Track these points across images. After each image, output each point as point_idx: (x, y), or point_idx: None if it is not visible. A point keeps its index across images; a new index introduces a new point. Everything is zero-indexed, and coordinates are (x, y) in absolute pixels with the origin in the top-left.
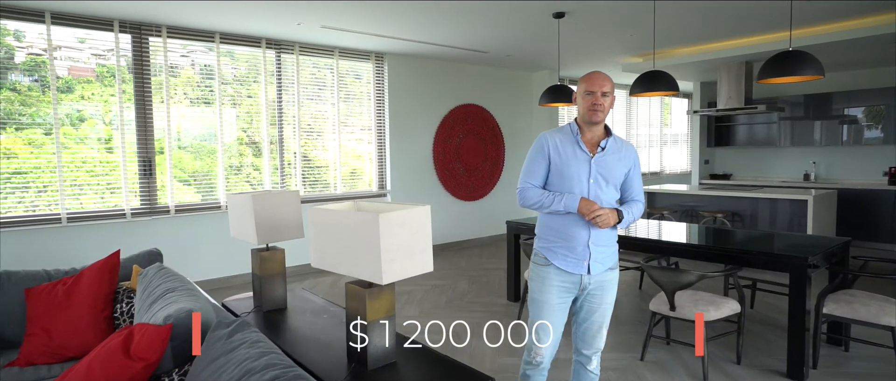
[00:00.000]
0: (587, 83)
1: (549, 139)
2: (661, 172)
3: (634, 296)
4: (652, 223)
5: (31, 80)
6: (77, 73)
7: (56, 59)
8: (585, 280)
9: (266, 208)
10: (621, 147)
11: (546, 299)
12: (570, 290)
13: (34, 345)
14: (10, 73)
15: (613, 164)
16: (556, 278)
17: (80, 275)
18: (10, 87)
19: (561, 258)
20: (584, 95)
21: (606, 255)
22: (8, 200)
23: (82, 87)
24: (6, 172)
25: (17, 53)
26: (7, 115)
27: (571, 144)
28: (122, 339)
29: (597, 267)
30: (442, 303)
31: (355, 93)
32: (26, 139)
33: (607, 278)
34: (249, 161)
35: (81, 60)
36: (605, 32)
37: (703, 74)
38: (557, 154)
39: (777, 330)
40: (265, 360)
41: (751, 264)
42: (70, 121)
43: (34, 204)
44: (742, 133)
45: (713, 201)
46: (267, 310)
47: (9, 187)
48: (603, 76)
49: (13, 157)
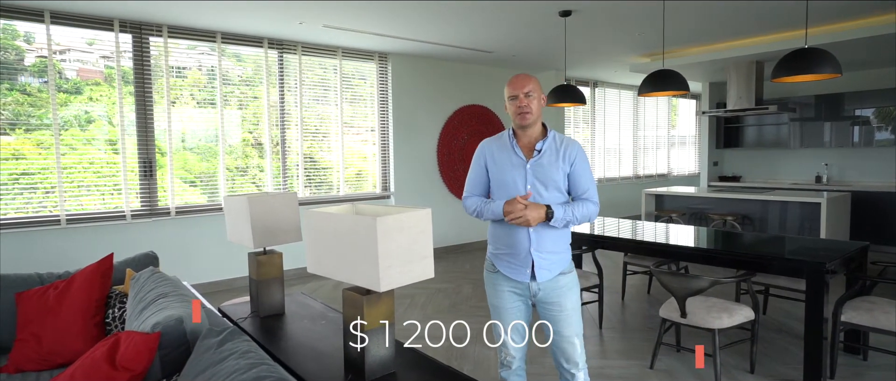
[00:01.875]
0: (509, 88)
1: (486, 148)
2: (668, 175)
3: (643, 301)
4: (659, 227)
5: (41, 81)
6: (86, 74)
7: (64, 62)
8: (534, 287)
9: (263, 211)
10: (560, 146)
11: (500, 303)
12: (522, 295)
13: (24, 352)
14: (20, 74)
15: (550, 165)
16: (504, 283)
17: (71, 279)
18: (20, 88)
19: (506, 265)
20: (509, 100)
21: (553, 261)
22: (16, 200)
23: (90, 88)
24: (14, 173)
25: (27, 56)
26: (16, 116)
27: (507, 150)
28: (108, 348)
29: (543, 274)
30: (445, 307)
31: (359, 94)
32: (35, 141)
33: (561, 283)
34: (255, 163)
35: (90, 62)
36: (612, 32)
37: (713, 75)
38: (494, 162)
39: (791, 338)
40: (255, 372)
41: (765, 270)
42: (78, 123)
43: (43, 204)
44: (752, 134)
45: (722, 204)
46: (263, 315)
47: (17, 189)
48: (524, 77)
49: (22, 158)
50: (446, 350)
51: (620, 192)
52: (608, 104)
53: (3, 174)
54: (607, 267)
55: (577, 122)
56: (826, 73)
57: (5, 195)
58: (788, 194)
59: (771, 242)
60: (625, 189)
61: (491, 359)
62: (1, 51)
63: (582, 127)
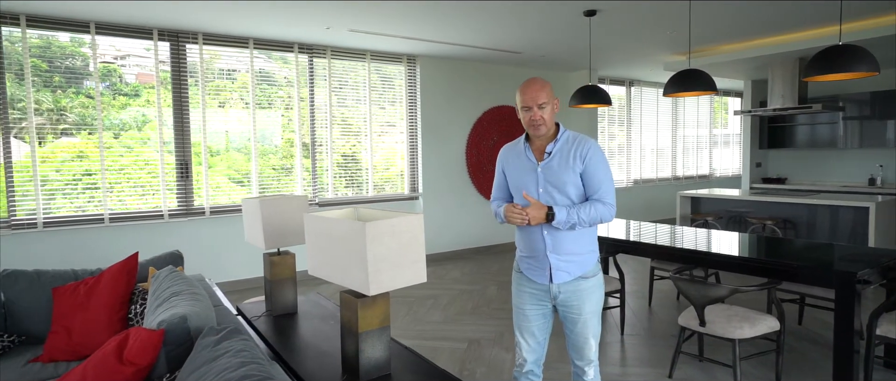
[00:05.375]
0: (521, 98)
1: (503, 154)
2: (710, 176)
3: (670, 307)
4: (687, 231)
5: (104, 86)
6: (144, 79)
7: (124, 67)
8: (554, 290)
9: (274, 213)
10: (572, 146)
11: (521, 306)
12: (543, 299)
13: (56, 343)
14: (86, 80)
15: (560, 167)
16: (527, 286)
17: (100, 276)
18: (86, 93)
19: (527, 267)
20: (522, 110)
21: (572, 264)
22: (79, 198)
23: (147, 91)
24: (78, 172)
25: (91, 62)
26: (82, 119)
27: (521, 154)
28: (117, 343)
29: (561, 276)
30: (468, 309)
31: (387, 96)
32: (96, 142)
33: (581, 287)
34: (291, 164)
35: (148, 67)
36: (640, 30)
37: (755, 72)
38: (510, 168)
39: (825, 350)
40: (243, 370)
41: (793, 278)
42: (136, 125)
43: (101, 203)
44: (800, 134)
45: (763, 207)
46: (277, 314)
47: (79, 187)
48: (537, 87)
49: (86, 158)
50: (462, 352)
51: (657, 194)
52: (645, 103)
53: (65, 174)
54: (636, 271)
55: (612, 121)
56: (860, 71)
57: (70, 194)
58: (834, 198)
59: (805, 249)
60: (662, 191)
61: (507, 362)
62: (67, 58)
63: (617, 127)
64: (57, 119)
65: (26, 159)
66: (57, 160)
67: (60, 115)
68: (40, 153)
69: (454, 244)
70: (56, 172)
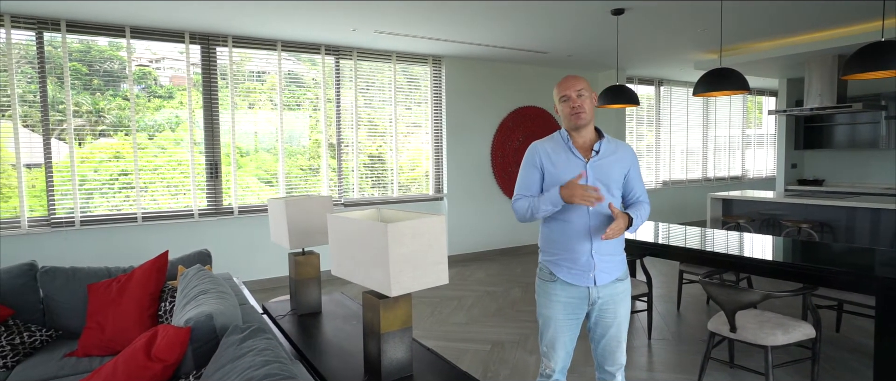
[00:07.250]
0: (560, 89)
1: (540, 148)
2: (743, 177)
3: (700, 312)
4: (719, 234)
5: (140, 88)
6: (177, 81)
7: (159, 69)
8: (594, 293)
9: (298, 213)
10: (617, 148)
11: (552, 314)
12: (579, 306)
13: (90, 338)
14: (122, 82)
15: (610, 166)
16: (562, 293)
17: (132, 274)
18: (123, 95)
19: (566, 271)
20: (561, 102)
21: (613, 264)
22: (115, 197)
23: (180, 93)
24: (114, 172)
25: (120, 65)
26: (119, 120)
27: (564, 150)
28: (146, 340)
29: (603, 277)
30: (492, 311)
31: (413, 97)
32: (131, 143)
33: (618, 289)
34: (326, 163)
35: (181, 70)
36: (669, 28)
37: (790, 70)
38: (550, 162)
39: (865, 358)
40: (266, 370)
41: (830, 284)
42: (169, 126)
43: (135, 202)
44: (839, 134)
45: (798, 210)
46: (301, 314)
47: (115, 187)
48: (574, 77)
49: (122, 158)
50: (486, 354)
51: (687, 195)
52: (675, 103)
53: (102, 174)
54: (665, 275)
55: (640, 121)
56: None
57: (107, 193)
58: (875, 201)
59: (843, 253)
60: (692, 193)
61: (531, 366)
62: (106, 62)
63: (646, 127)
64: (96, 121)
65: (66, 160)
66: (95, 160)
67: (99, 116)
68: (79, 154)
69: (478, 245)
70: (94, 172)
